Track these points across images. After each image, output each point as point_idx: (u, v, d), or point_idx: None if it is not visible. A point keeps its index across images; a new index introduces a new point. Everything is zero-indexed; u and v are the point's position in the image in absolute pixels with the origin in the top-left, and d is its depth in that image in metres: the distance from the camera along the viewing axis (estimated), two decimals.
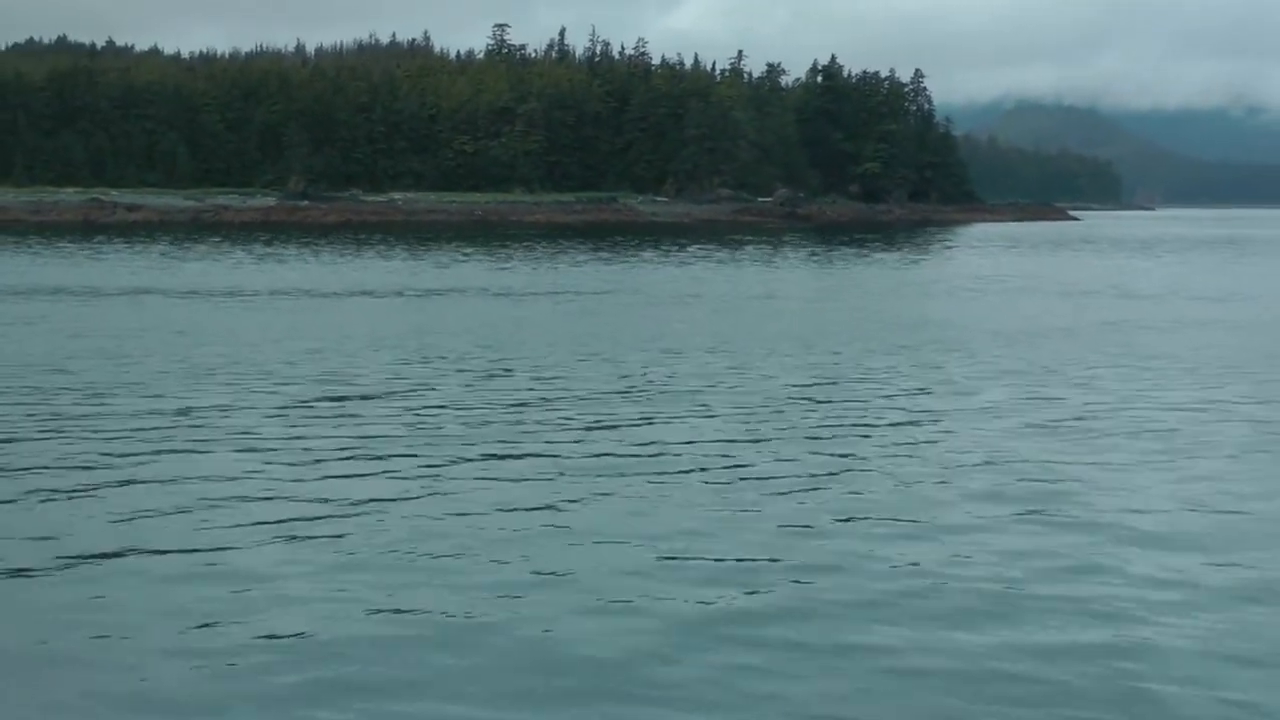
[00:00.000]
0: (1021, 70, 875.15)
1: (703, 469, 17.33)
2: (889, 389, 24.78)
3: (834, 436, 19.83)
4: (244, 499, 15.42)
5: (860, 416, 21.64)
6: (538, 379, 25.49)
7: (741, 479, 16.76)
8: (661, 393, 23.91)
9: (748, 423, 20.83)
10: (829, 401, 23.21)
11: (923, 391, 24.54)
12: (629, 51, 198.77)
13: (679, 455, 18.18)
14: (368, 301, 44.81)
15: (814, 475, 17.02)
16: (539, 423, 20.61)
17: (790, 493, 16.03)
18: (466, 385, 24.66)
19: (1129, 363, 29.12)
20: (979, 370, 27.66)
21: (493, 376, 25.88)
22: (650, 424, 20.66)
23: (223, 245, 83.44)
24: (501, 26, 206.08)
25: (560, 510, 15.06)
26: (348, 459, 17.68)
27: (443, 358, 28.65)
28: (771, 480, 16.66)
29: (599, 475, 16.85)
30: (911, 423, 21.06)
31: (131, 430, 19.48)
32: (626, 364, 27.92)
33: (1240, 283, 60.93)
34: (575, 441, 19.15)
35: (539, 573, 12.74)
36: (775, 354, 30.09)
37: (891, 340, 33.27)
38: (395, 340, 32.14)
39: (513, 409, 21.93)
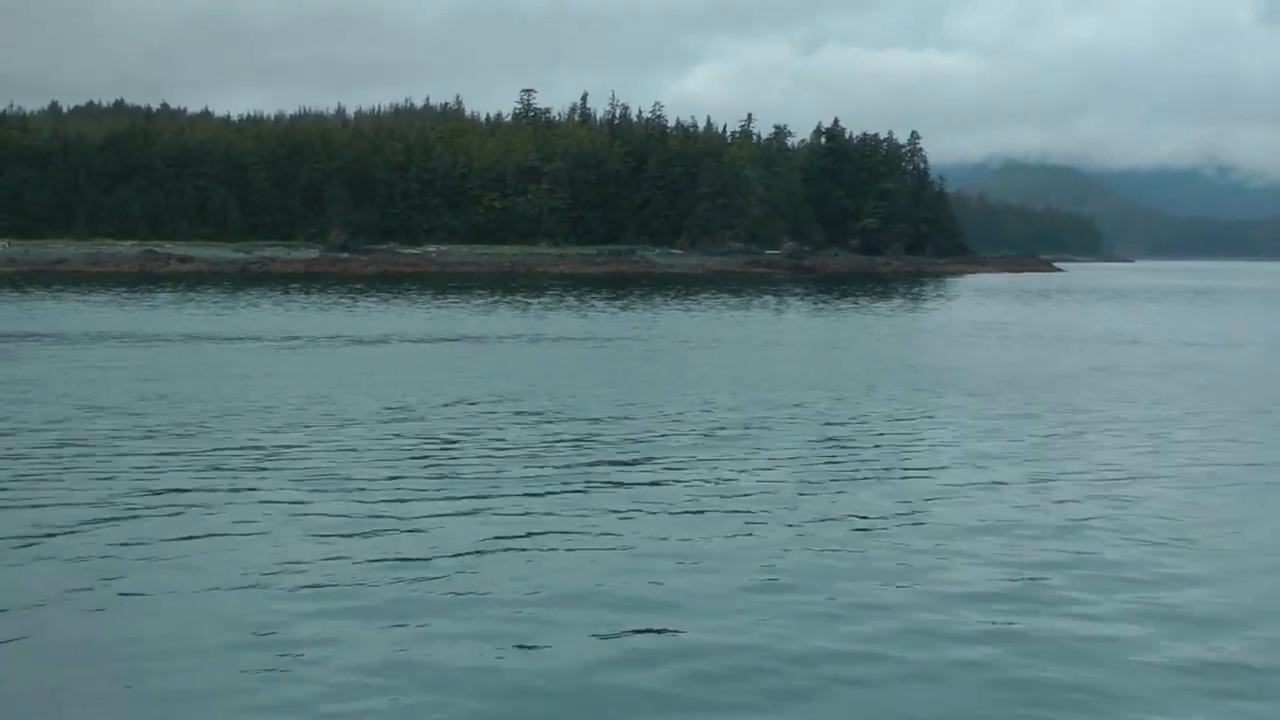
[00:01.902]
0: (1008, 133, 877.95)
1: (783, 508, 17.26)
2: (921, 432, 24.65)
3: (873, 476, 19.80)
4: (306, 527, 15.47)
5: (901, 459, 21.50)
6: (592, 420, 25.34)
7: (819, 518, 16.68)
8: (707, 433, 23.83)
9: (798, 464, 20.79)
10: (863, 443, 23.14)
11: (955, 435, 24.41)
12: (646, 115, 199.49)
13: (740, 492, 18.12)
14: (418, 347, 44.77)
15: (853, 513, 16.98)
16: (603, 461, 20.62)
17: (855, 528, 16.02)
18: (524, 425, 24.52)
19: (1139, 405, 29.04)
20: (1005, 413, 27.51)
21: (547, 417, 25.74)
22: (704, 462, 20.57)
23: (272, 294, 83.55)
24: (528, 92, 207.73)
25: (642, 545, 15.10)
26: (432, 498, 17.65)
27: (497, 399, 28.54)
28: (829, 519, 16.64)
29: (659, 512, 16.83)
30: (950, 464, 20.92)
31: (218, 465, 19.52)
32: (667, 405, 27.84)
33: (1211, 330, 61.07)
34: (638, 481, 19.12)
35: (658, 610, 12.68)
36: (804, 398, 29.91)
37: (911, 384, 33.10)
38: (446, 383, 32.03)
39: (570, 450, 21.85)
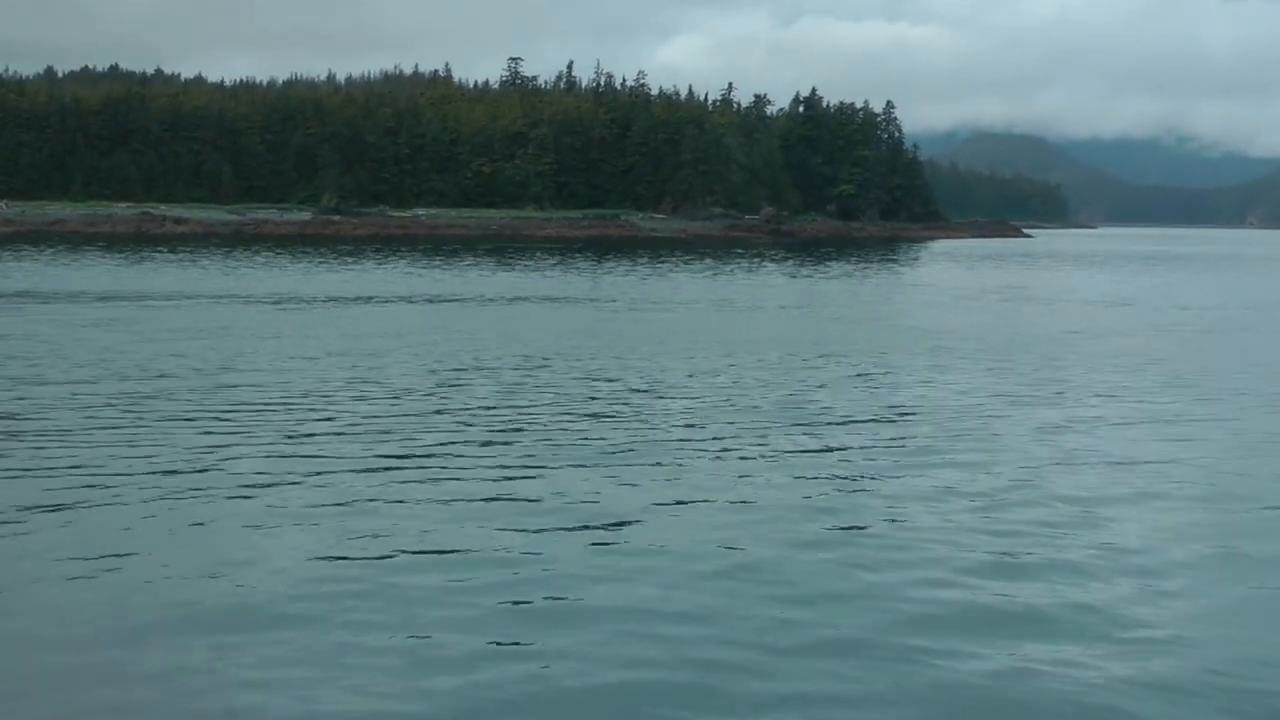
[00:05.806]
0: (976, 103, 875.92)
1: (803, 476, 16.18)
2: (952, 394, 23.53)
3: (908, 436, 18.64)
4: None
5: (949, 422, 20.29)
6: (635, 385, 24.14)
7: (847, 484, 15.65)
8: (727, 386, 22.67)
9: (836, 423, 19.72)
10: (886, 400, 22.06)
11: (990, 395, 23.38)
12: (630, 83, 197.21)
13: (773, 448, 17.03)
14: (421, 307, 43.30)
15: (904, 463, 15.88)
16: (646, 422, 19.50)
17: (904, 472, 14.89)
18: (547, 384, 23.34)
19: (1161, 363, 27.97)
20: (1029, 374, 26.46)
21: (577, 377, 24.51)
22: (754, 427, 19.43)
23: (268, 256, 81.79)
24: (515, 59, 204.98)
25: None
26: (465, 458, 16.54)
27: (504, 358, 27.32)
28: (878, 478, 15.61)
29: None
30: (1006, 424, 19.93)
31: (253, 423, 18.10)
32: (701, 366, 26.76)
33: (1181, 293, 60.60)
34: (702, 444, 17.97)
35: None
36: (829, 361, 28.77)
37: (919, 346, 31.98)
38: (456, 344, 30.73)
39: (607, 409, 20.70)
